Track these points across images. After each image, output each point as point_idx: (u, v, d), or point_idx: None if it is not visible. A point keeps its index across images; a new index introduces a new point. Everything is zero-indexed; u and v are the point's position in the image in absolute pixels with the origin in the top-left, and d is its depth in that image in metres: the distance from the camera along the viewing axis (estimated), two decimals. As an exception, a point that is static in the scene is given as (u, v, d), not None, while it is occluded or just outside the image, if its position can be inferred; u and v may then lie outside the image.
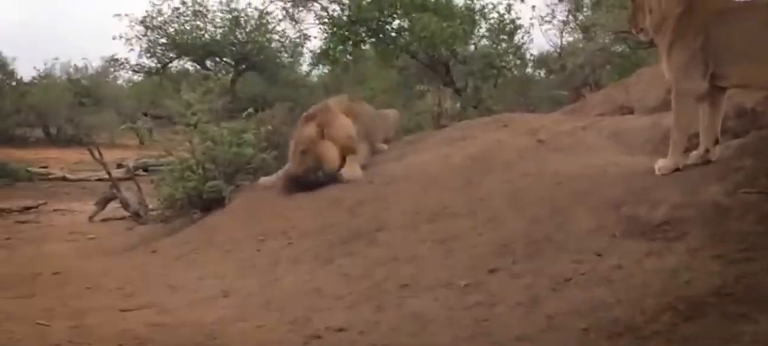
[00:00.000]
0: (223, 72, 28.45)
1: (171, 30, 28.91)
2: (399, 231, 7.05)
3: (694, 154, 6.46)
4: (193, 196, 9.65)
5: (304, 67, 30.16)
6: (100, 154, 13.50)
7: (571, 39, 19.68)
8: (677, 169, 6.32)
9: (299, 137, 9.25)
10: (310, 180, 9.01)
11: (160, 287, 7.34)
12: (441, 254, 6.33)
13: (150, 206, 11.70)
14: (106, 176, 14.46)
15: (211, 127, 9.98)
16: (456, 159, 8.39)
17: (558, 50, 19.56)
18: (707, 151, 6.43)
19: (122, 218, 12.55)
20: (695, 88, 6.25)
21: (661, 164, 6.40)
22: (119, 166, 18.69)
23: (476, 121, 10.90)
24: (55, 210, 15.15)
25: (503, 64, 17.71)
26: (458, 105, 15.54)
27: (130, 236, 10.70)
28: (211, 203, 9.54)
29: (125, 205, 12.44)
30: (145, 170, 18.73)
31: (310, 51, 25.34)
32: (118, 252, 9.50)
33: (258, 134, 10.04)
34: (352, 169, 9.07)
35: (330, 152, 9.15)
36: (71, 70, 32.70)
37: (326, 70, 25.06)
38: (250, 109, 10.60)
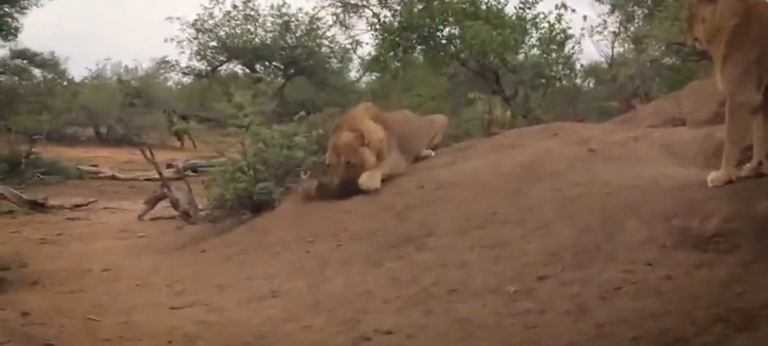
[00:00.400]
0: (272, 76, 28.63)
1: (222, 33, 29.24)
2: (448, 237, 7.05)
3: (747, 167, 6.42)
4: (243, 197, 9.68)
5: (353, 74, 30.32)
6: (152, 154, 13.60)
7: (621, 49, 19.62)
8: (730, 182, 6.28)
9: (338, 146, 9.21)
10: (350, 188, 9.01)
11: (210, 286, 7.39)
12: (490, 260, 6.33)
13: (199, 206, 11.77)
14: (156, 176, 14.57)
15: (263, 129, 10.02)
16: (506, 167, 8.38)
17: (608, 61, 19.50)
18: (760, 163, 6.39)
19: (171, 218, 12.61)
20: (749, 101, 6.20)
21: (713, 176, 6.35)
22: (169, 166, 18.77)
23: (526, 129, 10.88)
24: (105, 208, 15.26)
25: (553, 73, 17.65)
26: (508, 113, 15.52)
27: (180, 235, 10.76)
28: (261, 205, 9.57)
29: (175, 204, 12.50)
30: (194, 171, 18.82)
31: (360, 57, 25.45)
32: (168, 251, 9.57)
33: (309, 137, 10.07)
34: (372, 179, 9.01)
35: (371, 159, 9.14)
36: (122, 71, 33.01)
37: (374, 77, 25.14)
38: (302, 112, 10.62)
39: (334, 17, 22.71)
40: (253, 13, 29.15)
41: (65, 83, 30.08)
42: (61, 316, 6.46)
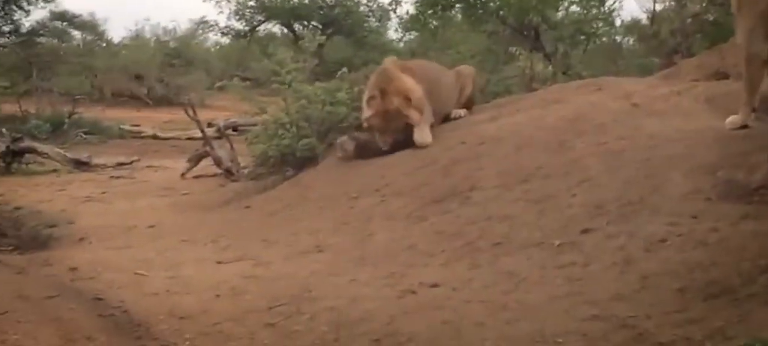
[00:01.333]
0: (311, 36, 28.66)
1: (260, -7, 29.25)
2: (492, 191, 7.06)
3: None
4: (286, 153, 9.71)
5: (391, 33, 30.26)
6: (195, 112, 13.67)
7: (663, 5, 19.43)
8: (745, 126, 6.67)
9: (388, 113, 8.98)
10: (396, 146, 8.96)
11: (255, 241, 7.47)
12: (534, 213, 6.34)
13: (241, 164, 11.86)
14: (197, 135, 14.72)
15: (306, 85, 10.04)
16: (549, 121, 8.34)
17: (650, 17, 19.32)
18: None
19: (213, 175, 12.69)
20: (759, 52, 6.53)
21: (730, 120, 6.77)
22: (209, 125, 18.89)
23: (569, 84, 10.79)
24: (147, 167, 15.39)
25: (593, 30, 17.53)
26: (550, 69, 15.40)
27: (223, 192, 10.84)
28: (304, 161, 9.60)
29: (218, 162, 12.60)
30: (235, 130, 18.93)
31: (398, 16, 25.39)
32: (212, 207, 9.66)
33: (351, 93, 10.03)
34: (424, 135, 8.96)
35: (416, 116, 9.02)
36: (160, 32, 33.12)
37: (413, 36, 25.07)
38: (344, 69, 10.59)
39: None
40: (291, -28, 29.25)
41: (104, 44, 30.25)
42: (108, 271, 6.57)
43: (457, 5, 18.26)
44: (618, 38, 20.19)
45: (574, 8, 18.02)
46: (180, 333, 5.11)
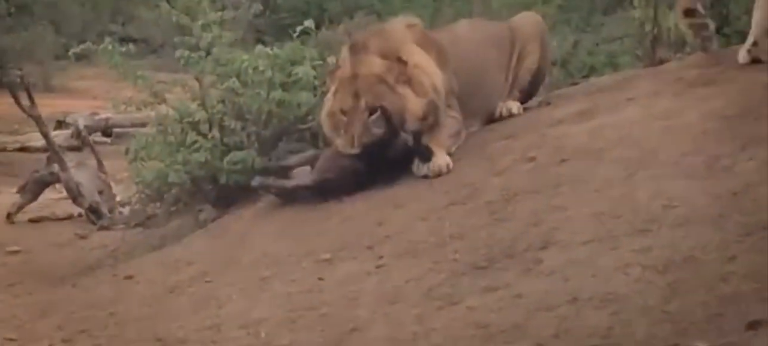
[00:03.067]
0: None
1: None
2: (583, 249, 7.03)
3: None
4: (201, 178, 9.70)
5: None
6: (32, 100, 13.67)
7: None
8: None
9: (358, 79, 9.05)
10: (381, 158, 8.88)
11: (143, 339, 7.43)
12: (660, 291, 6.29)
13: (119, 198, 11.86)
14: (38, 143, 14.70)
15: (238, 54, 10.00)
16: (690, 119, 8.33)
17: None
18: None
19: (67, 218, 12.70)
20: None
21: None
22: (60, 125, 18.89)
23: (725, 52, 10.80)
24: (-58, 202, 15.41)
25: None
26: (687, 25, 15.41)
27: (85, 250, 10.83)
28: (235, 192, 9.60)
29: (74, 193, 12.60)
30: (107, 134, 18.98)
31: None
32: (64, 277, 9.64)
33: (321, 68, 9.97)
34: (437, 157, 9.03)
35: (415, 105, 8.97)
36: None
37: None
38: (307, 23, 10.44)
39: None
40: None
41: None
42: None
43: None
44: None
45: None
46: None
